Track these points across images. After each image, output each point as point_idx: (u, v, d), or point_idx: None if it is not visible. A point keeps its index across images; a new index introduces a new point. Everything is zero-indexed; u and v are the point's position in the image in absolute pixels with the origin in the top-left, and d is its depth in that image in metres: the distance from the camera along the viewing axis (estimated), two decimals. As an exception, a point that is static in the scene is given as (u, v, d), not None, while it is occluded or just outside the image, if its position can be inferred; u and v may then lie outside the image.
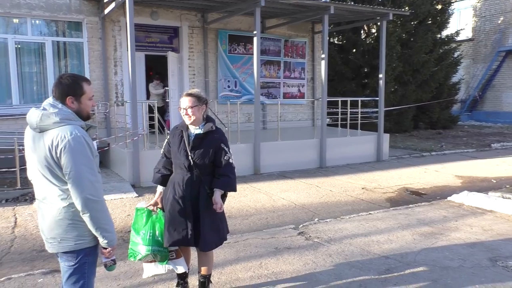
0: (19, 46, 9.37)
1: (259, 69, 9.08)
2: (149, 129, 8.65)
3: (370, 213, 5.98)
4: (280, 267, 4.09)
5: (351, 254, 4.42)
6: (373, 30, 15.92)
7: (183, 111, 3.10)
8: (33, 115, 2.31)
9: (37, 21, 9.50)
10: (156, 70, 11.65)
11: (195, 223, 3.11)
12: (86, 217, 2.29)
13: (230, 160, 3.17)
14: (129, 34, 7.62)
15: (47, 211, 2.36)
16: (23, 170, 7.03)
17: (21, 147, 6.88)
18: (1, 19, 9.13)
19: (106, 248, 2.39)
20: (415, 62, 15.20)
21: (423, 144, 13.09)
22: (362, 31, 15.98)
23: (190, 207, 3.11)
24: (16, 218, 5.82)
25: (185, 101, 3.10)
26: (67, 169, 2.24)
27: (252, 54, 9.44)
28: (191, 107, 3.07)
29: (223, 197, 3.21)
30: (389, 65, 13.80)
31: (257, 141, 8.92)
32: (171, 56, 10.41)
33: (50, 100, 2.37)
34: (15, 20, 9.30)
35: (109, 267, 2.47)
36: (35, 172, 2.37)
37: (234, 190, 3.23)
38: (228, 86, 11.81)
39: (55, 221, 2.34)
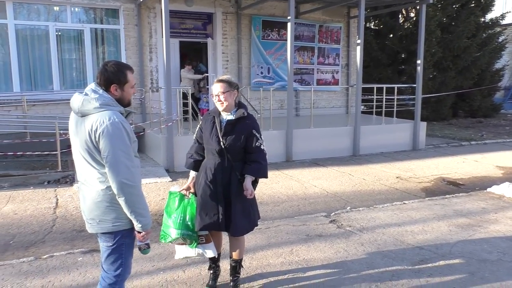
0: (59, 33, 9.68)
1: (293, 55, 8.98)
2: (183, 115, 8.76)
3: (404, 203, 5.86)
4: (311, 254, 4.09)
5: (384, 244, 4.36)
6: (412, 14, 15.37)
7: (215, 97, 3.13)
8: (76, 100, 2.39)
9: (76, 9, 9.76)
10: (189, 57, 11.73)
11: (226, 208, 3.15)
12: (121, 201, 2.35)
13: (262, 147, 3.17)
14: (164, 21, 7.70)
15: (87, 193, 2.45)
16: (64, 153, 7.36)
17: (61, 131, 7.16)
18: (43, 7, 9.44)
19: (140, 232, 2.45)
20: (456, 47, 14.59)
21: (462, 133, 12.63)
22: (400, 16, 15.46)
23: (221, 192, 3.14)
24: (57, 199, 6.09)
25: (217, 87, 3.12)
26: (105, 153, 2.31)
27: (286, 40, 9.34)
28: (223, 93, 3.09)
29: (254, 183, 3.22)
30: (428, 50, 13.32)
31: (290, 128, 8.87)
32: (208, 43, 10.44)
33: (92, 85, 2.44)
34: (56, 8, 9.59)
35: (143, 250, 2.53)
36: (77, 155, 2.45)
37: (265, 176, 3.23)
38: (261, 73, 11.76)
39: (94, 203, 2.42)
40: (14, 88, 9.28)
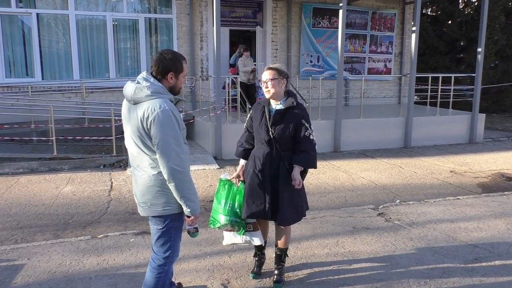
0: (115, 23, 10.06)
1: (344, 44, 8.77)
2: (232, 104, 8.84)
3: (458, 198, 5.60)
4: (357, 247, 4.02)
5: (435, 240, 4.20)
6: (473, -1, 14.50)
7: (263, 84, 3.14)
8: (128, 88, 2.48)
9: (132, -1, 10.10)
10: (237, 45, 11.73)
11: (273, 198, 3.16)
12: (171, 186, 2.43)
13: (311, 136, 3.14)
14: (215, 10, 7.77)
15: (139, 178, 2.55)
16: (119, 139, 7.69)
17: (117, 117, 7.49)
18: (101, -2, 9.85)
19: (189, 216, 2.53)
20: (522, 34, 13.61)
21: (525, 126, 11.82)
22: (460, 0, 14.62)
23: (269, 181, 3.15)
24: (112, 182, 6.40)
25: (265, 75, 3.13)
26: (156, 140, 2.39)
27: (337, 27, 9.12)
28: (271, 80, 3.09)
29: (303, 173, 3.20)
30: (490, 37, 12.53)
31: (338, 118, 8.72)
32: (257, 31, 10.38)
33: (143, 74, 2.52)
34: (113, -2, 9.98)
35: (192, 234, 2.61)
36: (130, 141, 2.55)
37: (314, 167, 3.20)
38: (311, 61, 11.61)
39: (145, 187, 2.52)
40: (74, 76, 9.79)
